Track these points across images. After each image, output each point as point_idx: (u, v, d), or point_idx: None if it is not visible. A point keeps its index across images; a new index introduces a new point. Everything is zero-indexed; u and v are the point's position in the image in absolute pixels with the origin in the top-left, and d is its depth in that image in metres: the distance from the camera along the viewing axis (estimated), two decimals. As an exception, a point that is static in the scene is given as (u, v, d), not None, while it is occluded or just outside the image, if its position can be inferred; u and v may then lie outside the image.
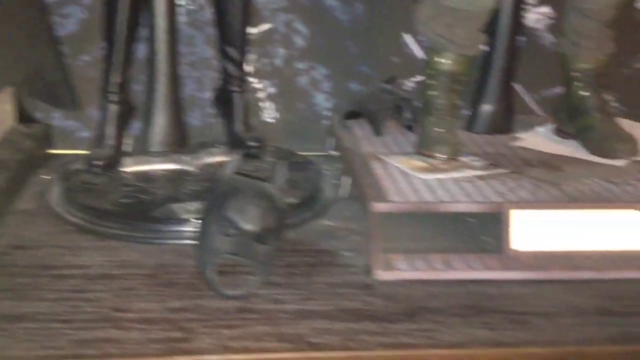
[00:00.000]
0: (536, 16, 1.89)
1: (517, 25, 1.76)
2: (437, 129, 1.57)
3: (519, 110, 1.94)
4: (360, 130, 1.75)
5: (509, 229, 1.29)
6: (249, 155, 1.68)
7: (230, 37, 1.67)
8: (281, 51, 1.87)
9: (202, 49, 1.81)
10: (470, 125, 1.81)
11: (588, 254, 1.29)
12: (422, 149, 1.55)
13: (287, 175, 1.29)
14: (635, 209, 1.31)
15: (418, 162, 1.53)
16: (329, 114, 1.89)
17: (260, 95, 1.90)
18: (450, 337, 1.05)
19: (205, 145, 1.76)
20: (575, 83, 1.66)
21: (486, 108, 1.78)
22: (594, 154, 1.62)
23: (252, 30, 1.79)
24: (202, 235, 1.17)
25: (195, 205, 1.40)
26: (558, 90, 1.82)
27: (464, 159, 1.56)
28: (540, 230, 1.30)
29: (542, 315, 1.12)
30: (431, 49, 1.60)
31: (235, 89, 1.70)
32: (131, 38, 1.58)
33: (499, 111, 1.79)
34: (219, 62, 1.70)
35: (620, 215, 1.31)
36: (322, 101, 1.92)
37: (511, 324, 1.10)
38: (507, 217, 1.29)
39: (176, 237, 1.34)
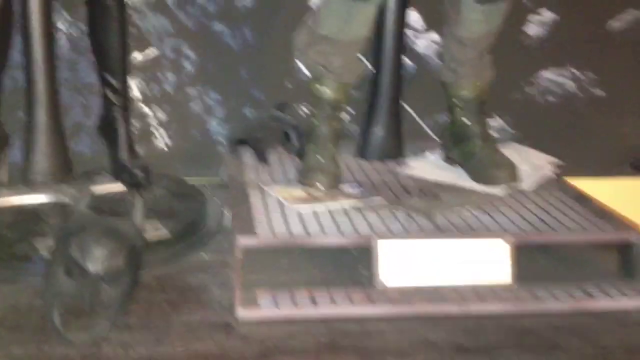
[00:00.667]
0: (426, 42, 1.91)
1: (401, 50, 1.77)
2: (318, 157, 1.57)
3: (415, 135, 1.98)
4: (249, 158, 1.75)
5: (376, 262, 1.30)
6: (134, 185, 1.67)
7: (108, 65, 1.63)
8: (171, 76, 1.85)
9: (86, 74, 1.78)
10: (360, 151, 1.82)
11: (455, 287, 1.29)
12: (302, 178, 1.54)
13: (144, 209, 1.26)
14: (503, 238, 1.34)
15: (297, 192, 1.52)
16: (224, 140, 1.90)
17: (152, 121, 1.88)
18: (296, 381, 1.04)
19: (90, 175, 1.73)
20: (457, 110, 1.68)
21: (375, 134, 1.80)
22: (475, 180, 1.64)
23: (137, 56, 1.78)
24: (48, 275, 1.13)
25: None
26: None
27: (344, 187, 1.56)
28: (408, 263, 1.29)
29: (396, 353, 1.11)
30: (311, 77, 1.61)
31: (118, 116, 1.69)
32: None
33: (388, 137, 1.80)
34: (100, 89, 1.68)
35: (487, 246, 1.32)
36: (216, 127, 1.91)
37: (365, 363, 1.10)
38: (375, 250, 1.31)
39: (32, 275, 1.29)
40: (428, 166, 1.76)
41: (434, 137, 1.98)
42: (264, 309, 1.21)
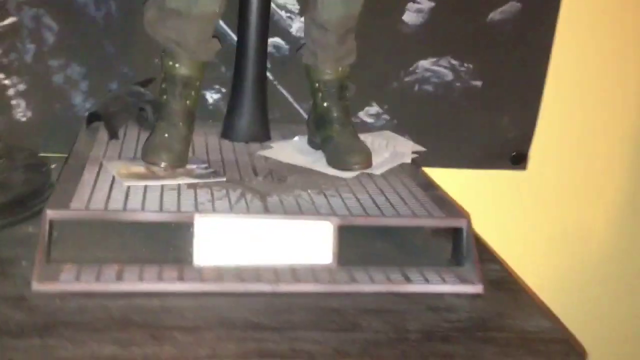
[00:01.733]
0: (301, 24, 1.87)
1: (266, 29, 1.72)
2: (166, 135, 1.52)
3: (292, 119, 1.96)
4: (104, 133, 1.70)
5: (193, 239, 1.27)
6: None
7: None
8: (31, 47, 1.79)
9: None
10: (226, 132, 1.79)
11: (274, 267, 1.27)
12: (144, 156, 1.49)
13: None
14: (327, 220, 1.31)
15: (138, 169, 1.48)
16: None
17: (10, 92, 1.82)
18: (66, 354, 1.00)
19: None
20: (318, 94, 1.66)
21: (239, 116, 1.76)
22: (330, 165, 1.62)
23: (-6, 24, 1.72)
24: None
25: None
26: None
27: (190, 166, 1.54)
28: (227, 242, 1.27)
29: (185, 329, 1.09)
30: (163, 52, 1.58)
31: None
32: None
33: (253, 119, 1.76)
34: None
35: (312, 227, 1.29)
36: (80, 101, 1.85)
37: (149, 339, 1.05)
38: (192, 227, 1.27)
39: None
40: (289, 150, 1.73)
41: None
42: (63, 282, 1.16)
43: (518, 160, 2.10)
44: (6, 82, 1.78)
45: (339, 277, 1.27)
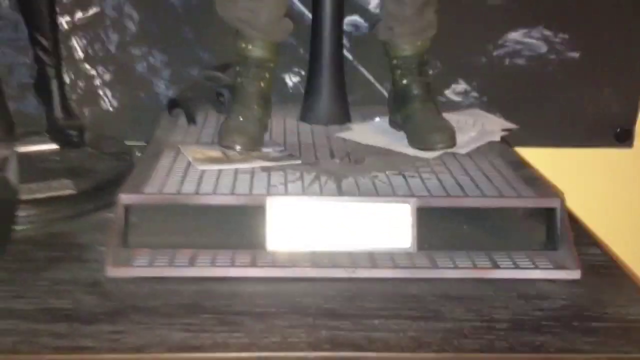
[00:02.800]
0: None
1: (341, 4, 1.65)
2: (240, 118, 1.49)
3: (374, 99, 1.89)
4: (184, 119, 1.70)
5: (266, 222, 1.23)
6: (69, 144, 1.66)
7: (37, 23, 1.60)
8: (114, 36, 1.82)
9: (28, 33, 1.78)
10: (303, 114, 1.74)
11: (350, 252, 1.20)
12: (220, 139, 1.47)
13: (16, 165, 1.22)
14: (405, 202, 1.23)
15: (213, 153, 1.45)
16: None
17: (97, 82, 1.85)
18: (135, 340, 0.98)
19: (27, 135, 1.73)
20: (397, 71, 1.58)
21: (317, 97, 1.70)
22: (411, 144, 1.54)
23: (78, 15, 1.75)
24: None
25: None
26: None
27: (265, 149, 1.50)
28: (301, 225, 1.22)
29: (256, 315, 1.05)
30: (236, 34, 1.54)
31: (51, 75, 1.65)
32: None
33: (332, 100, 1.70)
34: (31, 49, 1.66)
35: (389, 210, 1.22)
36: (163, 88, 1.86)
37: (218, 324, 1.03)
38: (264, 210, 1.24)
39: None
40: (369, 131, 1.66)
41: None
42: (136, 267, 1.16)
43: (623, 137, 1.92)
44: (92, 72, 1.82)
45: (418, 262, 1.19)
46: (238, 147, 1.44)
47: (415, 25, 1.53)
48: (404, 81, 1.57)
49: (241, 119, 1.49)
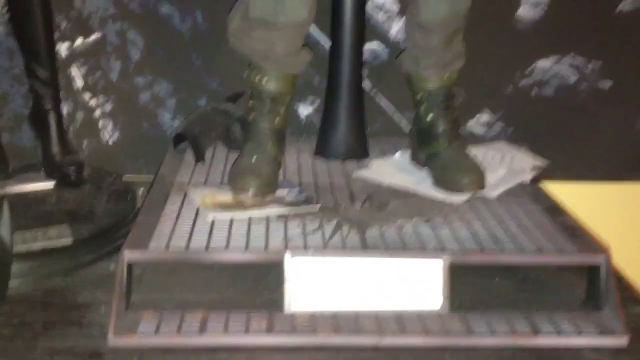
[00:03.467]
0: (401, 26, 1.70)
1: (363, 33, 1.56)
2: (254, 157, 1.37)
3: (393, 131, 1.78)
4: (191, 155, 1.59)
5: (284, 282, 1.12)
6: (66, 182, 1.55)
7: (34, 55, 1.49)
8: (116, 64, 1.71)
9: (25, 62, 1.67)
10: (319, 148, 1.64)
11: (376, 313, 1.09)
12: (231, 182, 1.36)
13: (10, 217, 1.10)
14: (436, 258, 1.12)
15: (224, 197, 1.34)
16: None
17: (97, 113, 1.74)
18: None
19: (25, 170, 1.62)
20: (421, 105, 1.46)
21: (334, 131, 1.58)
22: (437, 186, 1.43)
23: (79, 42, 1.65)
24: None
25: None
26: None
27: (280, 192, 1.39)
28: (322, 285, 1.10)
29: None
30: (250, 66, 1.44)
31: (48, 108, 1.55)
32: None
33: (350, 134, 1.59)
34: (28, 81, 1.56)
35: (417, 267, 1.11)
36: (168, 120, 1.76)
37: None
38: (282, 268, 1.13)
39: None
40: (390, 168, 1.55)
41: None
42: (141, 336, 1.04)
43: (656, 169, 1.84)
44: (92, 102, 1.71)
45: (451, 326, 1.08)
46: (251, 191, 1.34)
47: (443, 56, 1.41)
48: (429, 117, 1.46)
49: (254, 159, 1.37)
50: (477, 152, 1.54)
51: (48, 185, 1.54)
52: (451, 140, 1.44)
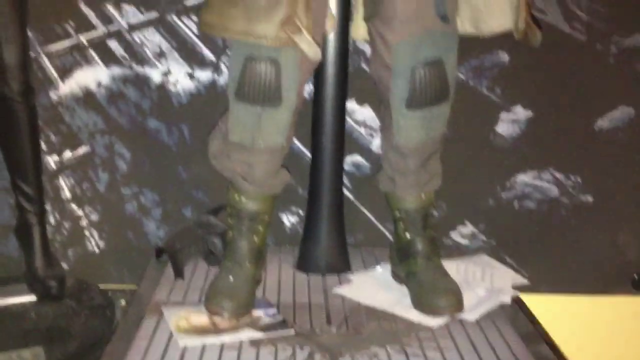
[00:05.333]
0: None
1: (342, 149, 1.59)
2: (231, 279, 1.38)
3: (375, 242, 1.79)
4: (170, 270, 1.59)
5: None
6: (47, 296, 1.55)
7: (20, 170, 1.53)
8: (103, 176, 1.74)
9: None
10: (300, 262, 1.64)
11: None
12: (207, 303, 1.35)
13: None
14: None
15: (199, 318, 1.33)
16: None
17: (83, 223, 1.76)
18: None
19: (6, 282, 1.62)
20: (399, 224, 1.47)
21: (315, 244, 1.59)
22: (415, 307, 1.41)
23: (67, 155, 1.68)
24: None
25: None
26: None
27: (256, 312, 1.37)
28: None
29: None
30: (229, 185, 1.45)
31: (33, 223, 1.57)
32: None
33: (330, 247, 1.61)
34: (14, 195, 1.58)
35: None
36: (154, 229, 1.77)
37: None
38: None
39: None
40: (370, 284, 1.54)
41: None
42: None
43: (641, 283, 1.84)
44: (79, 213, 1.73)
45: None
46: (226, 314, 1.32)
47: (419, 177, 1.43)
48: (407, 235, 1.46)
49: (231, 279, 1.37)
50: (457, 267, 1.55)
51: (29, 299, 1.55)
52: (429, 259, 1.44)
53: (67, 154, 1.69)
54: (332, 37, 1.53)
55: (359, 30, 1.49)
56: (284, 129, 1.35)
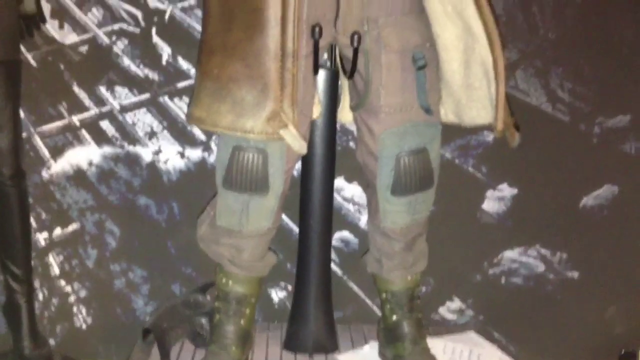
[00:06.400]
0: (370, 219, 1.76)
1: (330, 227, 1.58)
2: (214, 362, 1.40)
3: (365, 318, 1.79)
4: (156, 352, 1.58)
5: None
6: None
7: (8, 251, 1.54)
8: (92, 252, 1.74)
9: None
10: (287, 342, 1.63)
11: None
12: (191, 390, 1.38)
13: None
14: None
15: (185, 404, 1.36)
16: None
17: (71, 299, 1.75)
18: None
19: (-6, 360, 1.62)
20: (386, 305, 1.48)
21: (302, 323, 1.59)
22: (400, 393, 1.44)
23: (57, 231, 1.70)
24: None
25: None
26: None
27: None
28: None
29: None
30: (217, 267, 1.45)
31: (21, 303, 1.56)
32: None
33: (318, 326, 1.60)
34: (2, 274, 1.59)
35: None
36: (142, 305, 1.76)
37: None
38: None
39: None
40: (357, 365, 1.56)
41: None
42: None
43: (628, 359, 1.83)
44: (68, 289, 1.73)
45: None
46: (207, 403, 1.33)
47: (406, 259, 1.45)
48: (394, 317, 1.46)
49: (216, 364, 1.39)
50: (445, 346, 1.55)
51: (16, 379, 1.55)
52: (415, 343, 1.44)
53: (57, 231, 1.71)
54: (320, 121, 1.56)
55: (346, 115, 1.53)
56: (270, 214, 1.37)
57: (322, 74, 1.52)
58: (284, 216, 1.72)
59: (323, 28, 1.27)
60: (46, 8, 1.60)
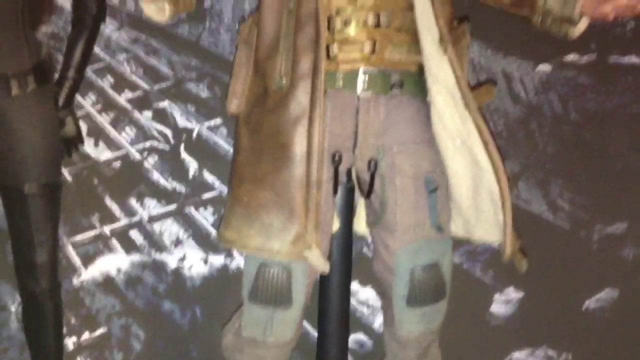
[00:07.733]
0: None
1: (346, 336, 1.64)
2: None
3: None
4: None
5: None
6: None
7: (42, 355, 1.63)
8: (118, 355, 1.82)
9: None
10: None
11: None
12: None
13: None
14: None
15: None
16: None
17: (97, 400, 1.83)
18: None
19: None
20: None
21: None
22: None
23: (85, 336, 1.77)
24: None
25: None
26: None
27: None
28: None
29: None
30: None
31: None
32: None
33: None
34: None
35: None
36: (164, 407, 1.85)
37: None
38: None
39: None
40: None
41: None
42: None
43: None
44: (93, 390, 1.81)
45: None
46: None
47: (420, 368, 1.54)
48: None
49: None
50: None
51: None
52: None
53: (85, 335, 1.79)
54: (337, 232, 1.66)
55: (362, 226, 1.63)
56: (293, 325, 1.45)
57: (339, 189, 1.64)
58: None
59: (342, 155, 1.39)
60: (83, 127, 1.74)
